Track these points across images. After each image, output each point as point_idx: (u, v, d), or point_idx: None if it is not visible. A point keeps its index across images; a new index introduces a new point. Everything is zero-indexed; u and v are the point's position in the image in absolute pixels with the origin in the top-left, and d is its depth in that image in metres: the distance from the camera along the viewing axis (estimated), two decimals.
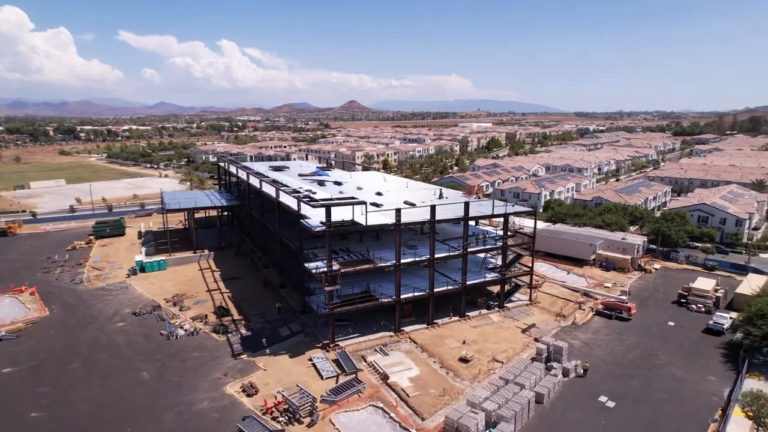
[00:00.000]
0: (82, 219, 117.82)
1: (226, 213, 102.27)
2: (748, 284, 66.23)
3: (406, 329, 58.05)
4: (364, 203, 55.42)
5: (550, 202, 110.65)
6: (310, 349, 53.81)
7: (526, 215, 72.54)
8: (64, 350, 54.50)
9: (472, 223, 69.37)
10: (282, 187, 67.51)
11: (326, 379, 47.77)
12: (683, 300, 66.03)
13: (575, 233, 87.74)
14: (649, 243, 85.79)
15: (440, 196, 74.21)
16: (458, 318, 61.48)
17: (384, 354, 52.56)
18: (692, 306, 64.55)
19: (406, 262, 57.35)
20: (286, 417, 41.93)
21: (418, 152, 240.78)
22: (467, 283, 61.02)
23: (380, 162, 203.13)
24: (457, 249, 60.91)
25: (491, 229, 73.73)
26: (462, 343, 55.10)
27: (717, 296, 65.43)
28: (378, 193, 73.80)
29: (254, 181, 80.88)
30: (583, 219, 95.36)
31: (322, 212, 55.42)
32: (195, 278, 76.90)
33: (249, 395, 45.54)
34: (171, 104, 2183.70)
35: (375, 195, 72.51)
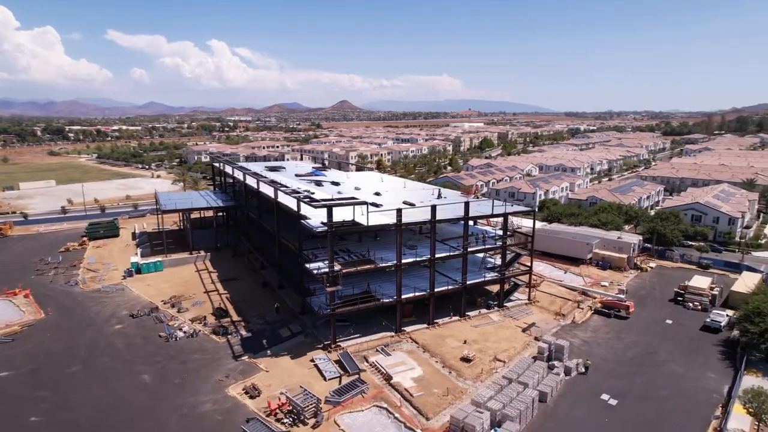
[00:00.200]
0: (75, 220, 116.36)
1: (221, 214, 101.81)
2: (743, 282, 67.09)
3: (407, 329, 58.05)
4: (366, 203, 55.34)
5: (546, 202, 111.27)
6: (312, 350, 53.62)
7: (526, 215, 72.78)
8: (62, 353, 53.80)
9: (471, 223, 69.51)
10: (281, 188, 67.15)
11: (329, 380, 47.59)
12: (680, 298, 66.73)
13: (571, 232, 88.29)
14: (645, 242, 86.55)
15: (439, 196, 74.32)
16: (458, 318, 61.59)
17: (386, 354, 52.51)
18: (689, 304, 65.24)
19: (407, 263, 57.37)
20: (291, 418, 41.72)
21: (412, 152, 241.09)
22: (467, 283, 61.17)
23: (374, 162, 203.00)
24: (457, 249, 61.03)
25: (489, 229, 73.96)
26: (463, 343, 55.21)
27: (713, 294, 66.21)
28: (376, 193, 73.72)
29: (251, 182, 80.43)
30: (579, 218, 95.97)
31: (322, 212, 55.39)
32: (192, 279, 76.31)
33: (252, 397, 45.28)
34: (161, 104, 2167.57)
35: (373, 195, 72.39)
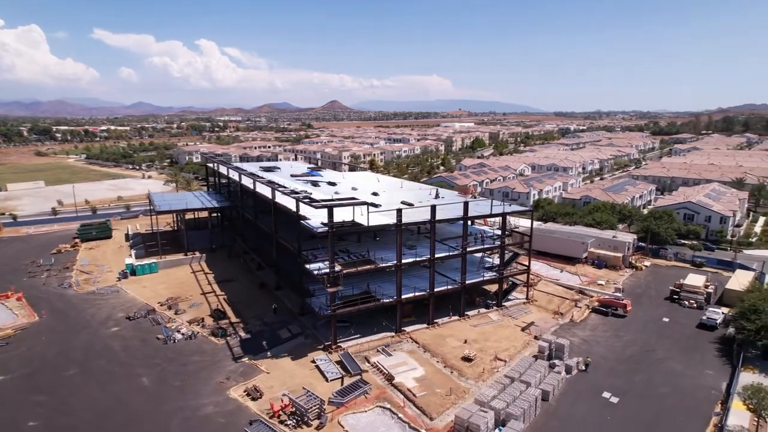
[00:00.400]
0: (66, 221, 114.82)
1: (216, 214, 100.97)
2: (737, 280, 68.01)
3: (407, 329, 58.03)
4: (366, 204, 55.21)
5: (540, 201, 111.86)
6: (312, 351, 53.38)
7: (524, 214, 73.17)
8: (58, 357, 53.02)
9: (469, 223, 69.60)
10: (278, 188, 66.78)
11: (331, 381, 47.41)
12: (675, 296, 67.41)
13: (566, 232, 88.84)
14: (639, 241, 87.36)
15: (436, 196, 74.39)
16: (458, 317, 61.70)
17: (387, 354, 52.44)
18: (684, 302, 65.93)
19: (407, 263, 57.35)
20: (294, 420, 41.48)
21: (404, 152, 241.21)
22: (466, 283, 61.29)
23: (367, 162, 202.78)
24: (456, 249, 61.13)
25: (487, 229, 74.18)
26: (463, 343, 55.31)
27: (708, 292, 66.97)
28: (374, 194, 73.62)
29: (247, 182, 79.94)
30: (574, 218, 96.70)
31: (322, 213, 55.22)
32: (188, 281, 75.65)
33: (254, 399, 44.95)
34: (149, 104, 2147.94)
35: (371, 195, 72.25)
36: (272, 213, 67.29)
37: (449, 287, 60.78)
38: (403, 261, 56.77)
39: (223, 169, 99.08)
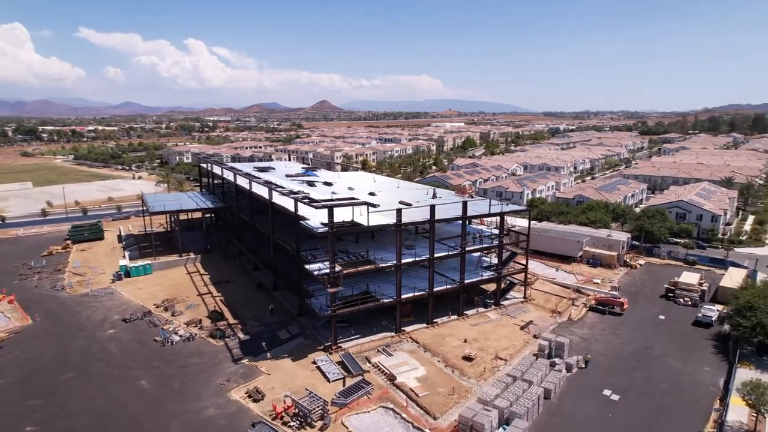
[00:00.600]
0: (56, 223, 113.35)
1: (209, 215, 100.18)
2: (730, 278, 68.98)
3: (407, 329, 58.00)
4: (366, 204, 55.09)
5: (534, 201, 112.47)
6: (312, 352, 53.13)
7: (520, 214, 73.49)
8: (54, 360, 52.23)
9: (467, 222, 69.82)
10: (275, 188, 66.41)
11: (333, 382, 47.22)
12: (671, 294, 68.14)
13: (561, 231, 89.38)
14: (632, 239, 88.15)
15: (434, 196, 74.45)
16: (457, 317, 61.81)
17: (388, 354, 52.38)
18: (679, 300, 66.66)
19: (407, 262, 57.31)
20: (297, 421, 41.24)
21: (396, 152, 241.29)
22: (465, 282, 61.42)
23: (359, 162, 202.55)
24: (455, 248, 61.22)
25: (485, 228, 74.39)
26: (463, 342, 55.41)
27: (702, 290, 67.78)
28: (371, 194, 73.45)
29: (243, 182, 79.44)
30: (568, 217, 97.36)
31: (320, 213, 55.12)
32: (183, 282, 74.94)
33: (255, 401, 44.63)
34: (136, 104, 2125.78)
35: (368, 195, 72.05)
36: (269, 213, 66.89)
37: (448, 287, 60.85)
38: (403, 261, 56.74)
39: (217, 170, 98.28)
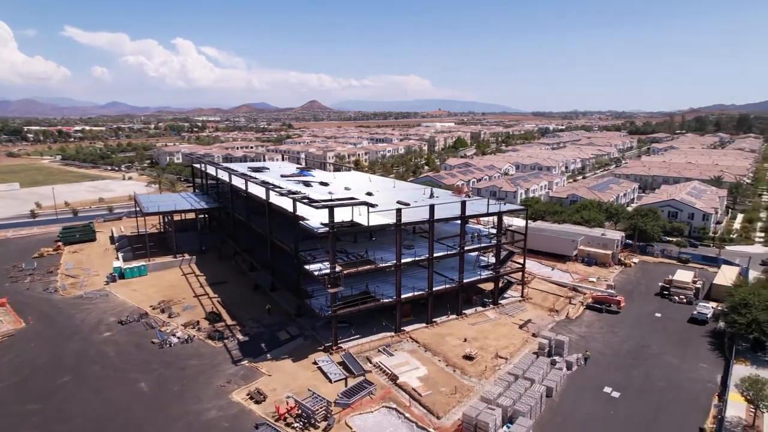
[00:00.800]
0: (46, 224, 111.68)
1: (203, 216, 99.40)
2: (723, 275, 69.90)
3: (407, 329, 57.99)
4: (366, 204, 54.96)
5: (528, 200, 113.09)
6: (313, 353, 52.91)
7: (517, 214, 73.85)
8: (50, 363, 51.43)
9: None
10: (274, 188, 66.05)
11: (335, 383, 47.06)
12: (665, 292, 68.88)
13: (556, 230, 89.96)
14: (626, 238, 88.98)
15: (431, 196, 74.52)
16: (456, 316, 61.93)
17: (389, 354, 52.32)
18: (674, 297, 67.43)
19: (406, 262, 57.28)
20: (301, 422, 41.03)
21: (388, 152, 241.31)
22: (464, 281, 61.55)
23: (352, 162, 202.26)
24: (454, 248, 61.32)
25: (482, 228, 74.61)
26: (463, 341, 55.53)
27: (696, 287, 68.61)
28: (368, 194, 73.29)
29: (239, 183, 78.92)
30: (562, 216, 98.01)
31: (319, 213, 54.94)
32: (179, 284, 74.24)
33: (257, 402, 44.33)
34: (124, 104, 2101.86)
35: (365, 195, 71.91)
36: (267, 214, 66.49)
37: (447, 286, 60.93)
38: (402, 261, 56.68)
39: (211, 170, 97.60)
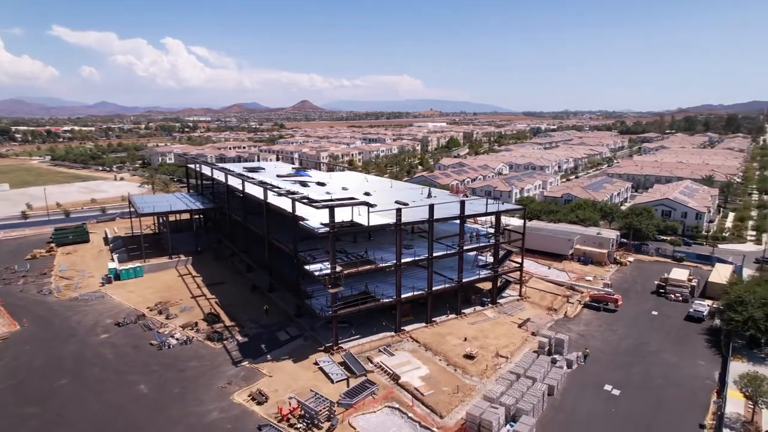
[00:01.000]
0: (37, 225, 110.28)
1: (198, 216, 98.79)
2: (717, 273, 70.70)
3: (407, 328, 58.02)
4: (366, 204, 54.91)
5: (523, 200, 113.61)
6: (314, 353, 52.77)
7: (514, 213, 74.13)
8: (47, 366, 50.82)
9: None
10: (273, 188, 65.79)
11: (337, 383, 46.97)
12: (661, 290, 69.52)
13: (552, 229, 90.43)
14: (621, 237, 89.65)
15: (429, 195, 74.59)
16: (455, 315, 62.06)
17: (390, 354, 52.31)
18: (670, 295, 68.07)
19: (406, 262, 57.30)
20: (304, 423, 40.89)
21: (382, 152, 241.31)
22: (463, 281, 61.69)
23: (345, 162, 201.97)
24: (453, 247, 61.42)
25: (480, 227, 74.84)
26: (463, 340, 55.67)
27: (692, 285, 69.32)
28: (366, 193, 73.25)
29: (235, 183, 78.53)
30: (557, 215, 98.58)
31: (319, 213, 54.81)
32: (176, 285, 73.70)
33: (259, 403, 44.12)
34: (113, 104, 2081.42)
35: (363, 195, 71.87)
36: (265, 214, 66.19)
37: (447, 286, 61.04)
38: (402, 260, 56.67)
39: (206, 170, 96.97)
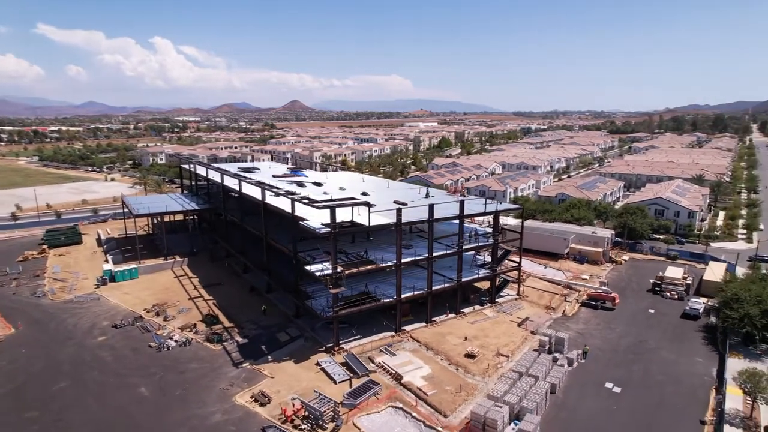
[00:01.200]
0: (28, 227, 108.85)
1: (193, 217, 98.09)
2: (711, 271, 71.57)
3: (407, 328, 58.08)
4: (367, 204, 54.85)
5: (517, 199, 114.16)
6: (315, 354, 52.63)
7: (510, 213, 74.44)
8: (45, 370, 50.15)
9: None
10: (271, 189, 65.46)
11: (339, 383, 46.86)
12: (657, 288, 70.21)
13: (547, 228, 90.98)
14: (615, 236, 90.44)
15: (427, 195, 74.69)
16: (454, 315, 62.22)
17: (391, 354, 52.31)
18: (666, 293, 68.82)
19: (406, 262, 57.32)
20: (309, 424, 40.77)
21: (375, 152, 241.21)
22: (462, 280, 61.87)
23: (338, 162, 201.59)
24: (452, 247, 61.54)
25: (478, 227, 75.10)
26: (464, 340, 55.84)
27: (687, 283, 70.16)
28: (364, 193, 73.16)
29: (231, 183, 78.05)
30: (552, 215, 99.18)
31: (318, 213, 54.69)
32: (172, 286, 73.09)
33: (262, 405, 43.91)
34: (101, 104, 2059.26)
35: (361, 195, 71.75)
36: (263, 215, 65.86)
37: (446, 285, 61.16)
38: (403, 260, 56.69)
39: (201, 171, 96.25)
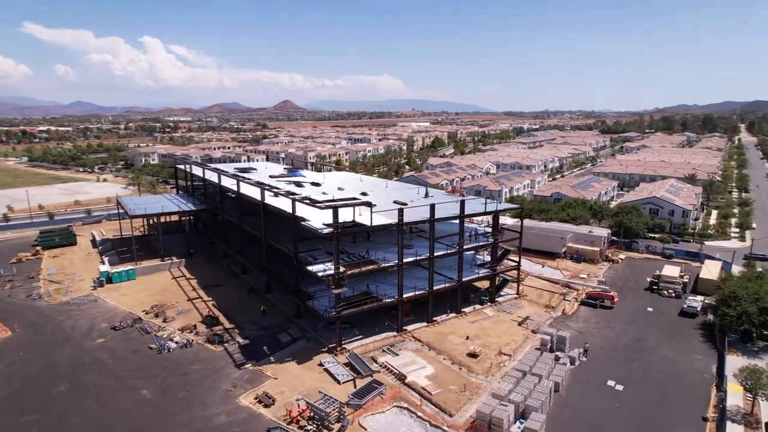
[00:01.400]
0: (20, 228, 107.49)
1: (189, 218, 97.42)
2: (707, 270, 72.34)
3: (408, 328, 58.10)
4: (369, 204, 54.79)
5: (513, 199, 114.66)
6: (317, 354, 52.47)
7: (507, 212, 74.71)
8: (43, 373, 49.53)
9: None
10: (270, 189, 65.17)
11: (343, 383, 46.76)
12: (655, 287, 70.84)
13: (544, 228, 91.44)
14: (612, 235, 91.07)
15: (426, 195, 74.74)
16: (455, 314, 62.32)
17: (394, 354, 52.29)
18: (663, 292, 69.43)
19: (407, 262, 57.32)
20: (314, 425, 40.63)
21: (369, 152, 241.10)
22: (463, 280, 61.99)
23: (333, 162, 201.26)
24: (451, 246, 61.64)
25: (477, 227, 75.30)
26: (465, 339, 55.95)
27: (684, 282, 70.81)
28: (363, 193, 73.10)
29: (229, 183, 77.61)
30: (549, 214, 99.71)
31: (319, 213, 54.56)
32: (170, 287, 72.52)
33: (266, 406, 43.70)
34: (89, 104, 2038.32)
35: (360, 195, 71.67)
36: (262, 215, 65.56)
37: (447, 285, 61.26)
38: (404, 260, 56.66)
39: (197, 171, 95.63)
